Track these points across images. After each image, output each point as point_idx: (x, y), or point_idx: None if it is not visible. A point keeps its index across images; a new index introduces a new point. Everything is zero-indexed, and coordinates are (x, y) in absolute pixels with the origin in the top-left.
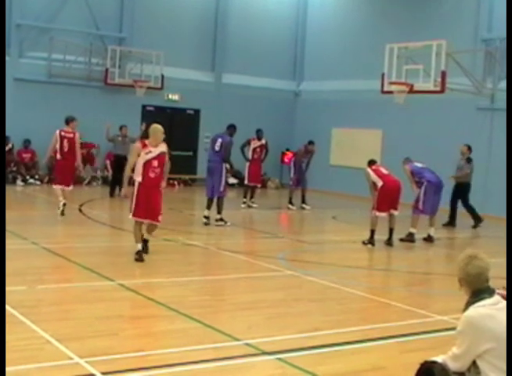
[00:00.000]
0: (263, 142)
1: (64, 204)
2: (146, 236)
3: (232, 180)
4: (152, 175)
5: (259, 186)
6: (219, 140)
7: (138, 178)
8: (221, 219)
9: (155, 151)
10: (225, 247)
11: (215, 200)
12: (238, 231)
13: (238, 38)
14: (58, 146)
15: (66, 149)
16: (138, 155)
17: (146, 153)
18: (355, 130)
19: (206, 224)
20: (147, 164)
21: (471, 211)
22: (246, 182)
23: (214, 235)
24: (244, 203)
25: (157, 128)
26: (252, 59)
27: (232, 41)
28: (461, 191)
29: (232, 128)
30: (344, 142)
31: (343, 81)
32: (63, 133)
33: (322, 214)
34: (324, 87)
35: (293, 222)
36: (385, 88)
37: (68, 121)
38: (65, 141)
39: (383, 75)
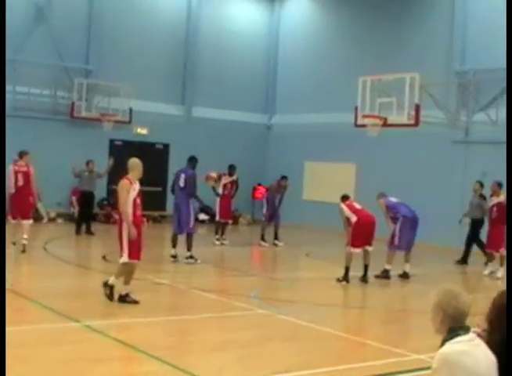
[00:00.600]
0: (234, 178)
1: (24, 242)
2: (112, 281)
3: (202, 216)
4: (139, 212)
5: (230, 222)
6: (182, 176)
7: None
8: (191, 257)
9: (137, 187)
10: (196, 286)
11: (184, 237)
12: (208, 269)
13: (209, 71)
14: (13, 181)
15: (20, 183)
16: (128, 192)
17: (134, 190)
18: (328, 164)
19: (174, 262)
20: (135, 202)
21: (481, 246)
22: (217, 218)
23: (184, 273)
24: (217, 240)
25: (139, 163)
26: (223, 92)
27: (202, 73)
28: (476, 227)
29: (193, 161)
30: (317, 177)
31: (315, 114)
32: (16, 168)
33: (296, 250)
34: (296, 120)
35: (266, 259)
36: (358, 122)
37: (21, 154)
38: (19, 175)
39: (356, 108)
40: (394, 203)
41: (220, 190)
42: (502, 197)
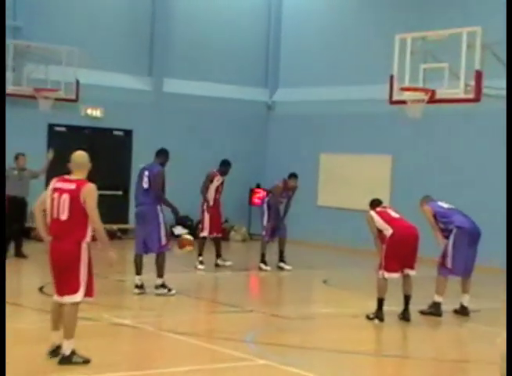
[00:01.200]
0: (224, 178)
1: None
2: (67, 347)
3: (179, 230)
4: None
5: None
6: (146, 173)
7: (88, 239)
8: (163, 286)
9: None
10: (169, 327)
11: (153, 259)
12: (187, 303)
13: (185, 31)
14: None
15: None
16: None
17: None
18: (352, 156)
19: (140, 294)
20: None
21: None
22: (205, 233)
23: (153, 310)
24: (217, 265)
25: (86, 157)
26: (206, 60)
27: (177, 34)
28: None
29: (162, 155)
30: (337, 174)
31: (333, 87)
32: None
33: (309, 276)
34: (307, 96)
35: (268, 289)
36: (395, 97)
37: None
38: None
39: (391, 78)
40: (445, 210)
41: (212, 195)
42: None
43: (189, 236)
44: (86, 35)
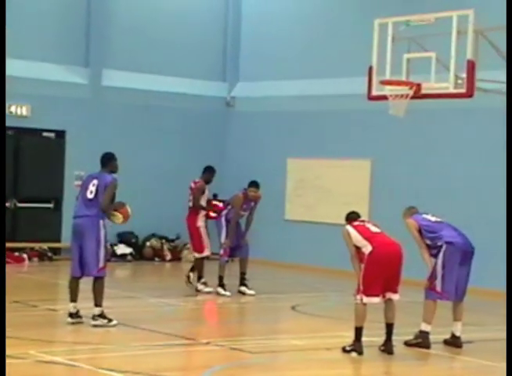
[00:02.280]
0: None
1: None
2: None
3: (123, 249)
4: None
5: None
6: (94, 182)
7: None
8: (102, 316)
9: None
10: (109, 365)
11: (90, 284)
12: (131, 335)
13: (129, 16)
14: None
15: None
16: None
17: None
18: (324, 161)
19: (73, 324)
20: None
21: None
22: (207, 252)
23: (90, 343)
24: (203, 285)
25: None
26: (153, 49)
27: (119, 18)
28: None
29: (111, 162)
30: (307, 183)
31: (304, 81)
32: None
33: (275, 302)
34: (272, 91)
35: (227, 318)
36: (374, 92)
37: None
38: None
39: (370, 70)
40: (433, 223)
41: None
42: None
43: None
44: (11, 20)
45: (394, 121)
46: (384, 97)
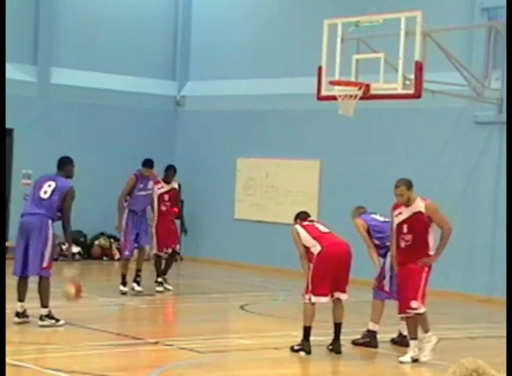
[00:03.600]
0: (174, 185)
1: None
2: None
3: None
4: None
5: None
6: (50, 183)
7: None
8: (49, 316)
9: None
10: (55, 365)
11: (35, 283)
12: (79, 335)
13: (77, 12)
14: None
15: None
16: None
17: None
18: (274, 161)
19: (20, 323)
20: None
21: None
22: (154, 250)
23: (37, 343)
24: (160, 284)
25: None
26: (102, 47)
27: (67, 15)
28: None
29: (67, 166)
30: (257, 182)
31: (254, 80)
32: None
33: (224, 301)
34: (222, 90)
35: (175, 318)
36: (324, 92)
37: None
38: None
39: (319, 70)
40: (381, 223)
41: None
42: None
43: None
44: None
45: (344, 121)
46: (334, 97)
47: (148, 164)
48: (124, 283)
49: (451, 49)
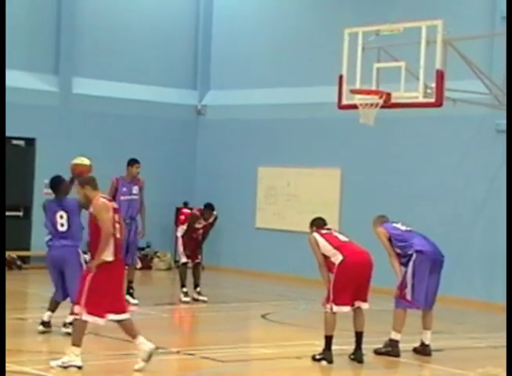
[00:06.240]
0: (210, 220)
1: None
2: None
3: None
4: None
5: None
6: (61, 214)
7: None
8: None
9: None
10: (76, 374)
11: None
12: (101, 344)
13: (99, 23)
14: None
15: None
16: None
17: None
18: (295, 169)
19: (43, 333)
20: None
21: None
22: (184, 259)
23: (60, 353)
24: (186, 294)
25: None
26: (123, 57)
27: (89, 26)
28: None
29: (61, 186)
30: (278, 191)
31: (274, 89)
32: None
33: (245, 310)
34: (243, 99)
35: (197, 327)
36: (345, 101)
37: None
38: None
39: (340, 79)
40: (402, 232)
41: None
42: None
43: None
44: None
45: (364, 130)
46: (354, 106)
47: (130, 162)
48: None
49: (472, 57)
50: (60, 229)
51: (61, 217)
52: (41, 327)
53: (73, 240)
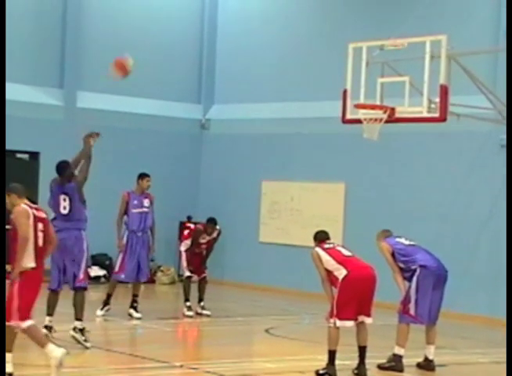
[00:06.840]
0: (214, 234)
1: None
2: None
3: (95, 271)
4: None
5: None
6: (64, 197)
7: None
8: (82, 332)
9: None
10: None
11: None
12: (104, 358)
13: (103, 37)
14: None
15: None
16: None
17: None
18: (299, 184)
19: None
20: None
21: None
22: (188, 273)
23: (62, 367)
24: (189, 308)
25: None
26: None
27: (93, 40)
28: None
29: (67, 170)
30: (282, 205)
31: (278, 104)
32: None
33: (249, 324)
34: (247, 114)
35: (201, 341)
36: (349, 115)
37: None
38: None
39: (344, 93)
40: (406, 246)
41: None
42: None
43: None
44: None
45: (368, 145)
46: (358, 121)
47: (140, 176)
48: (106, 303)
49: (476, 73)
50: (63, 211)
51: (64, 200)
52: (44, 331)
53: (75, 223)
